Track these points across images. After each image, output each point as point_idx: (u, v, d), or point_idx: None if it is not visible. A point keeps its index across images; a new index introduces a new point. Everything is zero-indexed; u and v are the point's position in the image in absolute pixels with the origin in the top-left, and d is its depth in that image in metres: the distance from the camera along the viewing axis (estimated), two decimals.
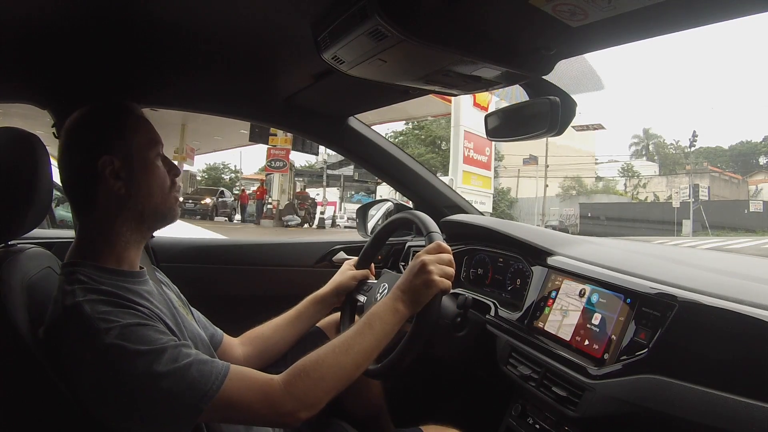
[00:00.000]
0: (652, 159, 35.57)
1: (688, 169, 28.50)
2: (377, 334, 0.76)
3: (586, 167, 29.54)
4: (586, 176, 30.29)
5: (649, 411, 0.66)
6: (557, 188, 28.00)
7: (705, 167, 31.11)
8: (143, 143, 0.75)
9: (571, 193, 28.39)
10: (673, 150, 36.63)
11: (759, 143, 36.74)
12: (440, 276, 0.80)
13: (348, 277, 1.08)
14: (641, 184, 30.85)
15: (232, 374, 0.65)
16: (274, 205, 15.54)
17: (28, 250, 0.79)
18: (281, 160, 14.37)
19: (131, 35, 0.86)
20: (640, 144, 38.60)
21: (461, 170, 12.33)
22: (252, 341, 1.01)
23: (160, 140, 0.78)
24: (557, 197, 27.18)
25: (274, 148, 13.93)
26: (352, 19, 0.71)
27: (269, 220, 15.03)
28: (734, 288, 0.71)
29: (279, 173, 15.33)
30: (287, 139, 13.15)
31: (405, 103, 1.28)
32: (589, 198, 27.86)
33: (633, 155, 37.27)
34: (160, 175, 0.76)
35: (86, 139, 0.73)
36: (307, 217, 15.62)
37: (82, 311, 0.62)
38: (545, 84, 0.90)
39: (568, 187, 28.53)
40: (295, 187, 19.40)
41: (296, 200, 16.23)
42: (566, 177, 27.69)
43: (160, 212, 0.76)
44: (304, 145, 5.05)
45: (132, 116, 0.76)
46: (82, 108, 0.76)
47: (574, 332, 0.85)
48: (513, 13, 0.69)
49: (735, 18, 0.64)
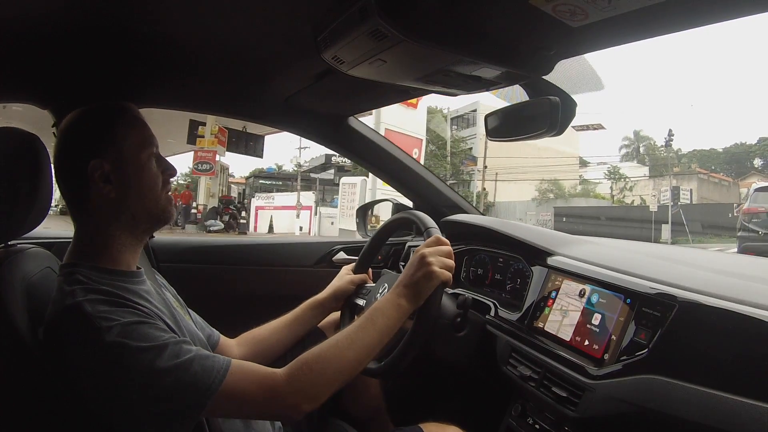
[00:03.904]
0: (643, 162, 35.09)
1: (676, 171, 28.07)
2: (380, 329, 0.76)
3: (569, 169, 28.61)
4: (570, 178, 29.42)
5: (649, 411, 0.66)
6: (534, 192, 26.88)
7: (693, 169, 30.66)
8: (134, 145, 0.74)
9: (549, 196, 27.16)
10: (663, 152, 36.37)
11: (753, 145, 36.60)
12: (440, 268, 0.80)
13: (346, 282, 1.08)
14: (627, 187, 30.01)
15: (233, 368, 0.65)
16: (199, 210, 14.80)
17: (28, 250, 0.79)
18: (207, 163, 13.89)
19: (131, 36, 0.86)
20: (631, 146, 38.37)
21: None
22: (249, 343, 1.01)
23: (152, 140, 0.77)
24: (533, 201, 25.91)
25: (201, 150, 13.47)
26: (352, 19, 0.71)
27: (194, 225, 14.37)
28: (734, 288, 0.71)
29: (206, 176, 14.65)
30: (214, 141, 12.64)
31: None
32: (567, 202, 26.72)
33: (623, 158, 36.80)
34: (151, 177, 0.75)
35: (76, 143, 0.73)
36: (231, 222, 14.79)
37: (83, 311, 0.62)
38: (545, 84, 0.90)
39: (545, 191, 27.44)
40: (229, 191, 18.84)
41: (221, 204, 15.46)
42: (543, 179, 26.64)
43: (153, 214, 0.76)
44: (247, 148, 4.75)
45: (124, 117, 0.75)
46: (76, 110, 0.76)
47: (574, 332, 0.85)
48: (513, 13, 0.69)
49: (735, 18, 0.64)
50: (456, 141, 26.20)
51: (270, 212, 17.04)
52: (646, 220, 17.92)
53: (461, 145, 26.44)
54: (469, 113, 27.84)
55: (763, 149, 34.16)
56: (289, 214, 16.64)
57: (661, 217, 17.76)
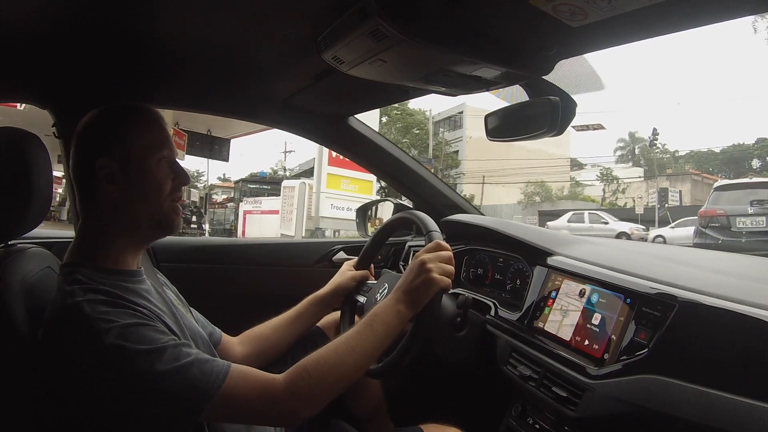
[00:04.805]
0: (638, 163, 34.59)
1: (669, 172, 27.68)
2: (379, 335, 0.76)
3: (560, 171, 28.01)
4: (561, 181, 28.77)
5: (649, 411, 0.66)
6: (520, 195, 26.05)
7: (687, 171, 30.30)
8: (144, 147, 0.73)
9: (535, 199, 26.44)
10: (659, 154, 36.00)
11: (751, 146, 36.44)
12: (440, 274, 0.80)
13: (347, 278, 1.08)
14: (620, 189, 29.26)
15: (233, 373, 0.65)
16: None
17: (28, 250, 0.79)
18: None
19: (130, 36, 0.86)
20: (626, 148, 38.14)
21: (325, 172, 10.87)
22: (251, 341, 1.01)
23: (166, 144, 0.75)
24: (519, 204, 25.36)
25: None
26: (352, 19, 0.71)
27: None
28: (734, 288, 0.71)
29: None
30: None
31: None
32: (554, 205, 25.57)
33: (618, 160, 36.41)
34: (156, 180, 0.74)
35: (88, 141, 0.73)
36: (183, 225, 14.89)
37: (82, 311, 0.62)
38: (545, 84, 0.90)
39: (531, 194, 26.59)
40: (189, 196, 18.71)
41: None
42: (528, 182, 25.87)
43: (155, 220, 0.74)
44: (211, 152, 4.50)
45: (139, 118, 0.75)
46: (96, 109, 0.76)
47: (574, 332, 0.85)
48: (513, 14, 0.69)
49: (735, 18, 0.64)
50: (439, 144, 25.67)
51: (258, 216, 16.91)
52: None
53: (446, 148, 25.92)
54: (456, 115, 27.42)
55: (761, 150, 34.01)
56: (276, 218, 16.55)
57: (648, 219, 17.56)
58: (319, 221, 11.08)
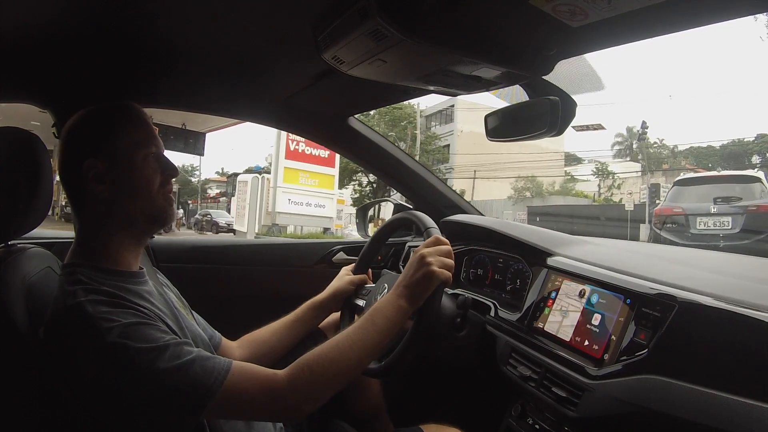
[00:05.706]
0: (636, 159, 34.28)
1: (665, 167, 27.35)
2: (380, 330, 0.76)
3: (554, 165, 27.11)
4: (556, 176, 28.09)
5: (649, 411, 0.66)
6: (510, 190, 25.43)
7: (683, 166, 30.00)
8: (129, 145, 0.73)
9: (525, 194, 25.85)
10: (658, 149, 35.73)
11: (751, 142, 36.31)
12: (440, 267, 0.80)
13: (346, 282, 1.08)
14: (616, 185, 28.09)
15: (234, 369, 0.65)
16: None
17: (28, 250, 0.79)
18: None
19: (130, 36, 0.86)
20: (624, 143, 37.92)
21: (282, 166, 10.60)
22: (250, 345, 1.00)
23: (152, 139, 0.76)
24: (509, 200, 24.65)
25: None
26: (352, 19, 0.71)
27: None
28: (734, 289, 0.72)
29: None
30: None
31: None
32: (544, 200, 25.09)
33: (616, 155, 36.07)
34: (144, 177, 0.74)
35: (74, 143, 0.73)
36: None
37: (84, 311, 0.62)
38: (545, 84, 0.90)
39: (522, 189, 26.02)
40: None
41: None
42: (519, 177, 25.22)
43: (149, 214, 0.75)
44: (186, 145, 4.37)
45: (122, 117, 0.75)
46: (80, 111, 0.76)
47: (574, 333, 0.85)
48: (513, 14, 0.69)
49: (735, 18, 0.64)
50: (429, 138, 25.17)
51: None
52: (622, 218, 16.66)
53: (436, 142, 25.41)
54: (448, 108, 26.82)
55: (761, 146, 33.93)
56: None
57: (639, 216, 17.17)
58: (276, 216, 10.78)
